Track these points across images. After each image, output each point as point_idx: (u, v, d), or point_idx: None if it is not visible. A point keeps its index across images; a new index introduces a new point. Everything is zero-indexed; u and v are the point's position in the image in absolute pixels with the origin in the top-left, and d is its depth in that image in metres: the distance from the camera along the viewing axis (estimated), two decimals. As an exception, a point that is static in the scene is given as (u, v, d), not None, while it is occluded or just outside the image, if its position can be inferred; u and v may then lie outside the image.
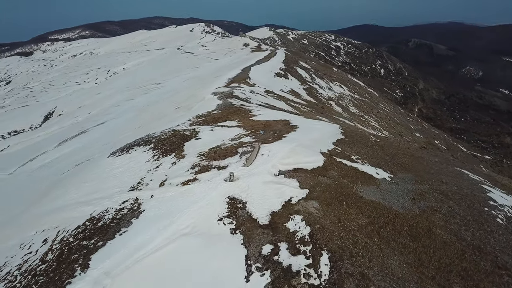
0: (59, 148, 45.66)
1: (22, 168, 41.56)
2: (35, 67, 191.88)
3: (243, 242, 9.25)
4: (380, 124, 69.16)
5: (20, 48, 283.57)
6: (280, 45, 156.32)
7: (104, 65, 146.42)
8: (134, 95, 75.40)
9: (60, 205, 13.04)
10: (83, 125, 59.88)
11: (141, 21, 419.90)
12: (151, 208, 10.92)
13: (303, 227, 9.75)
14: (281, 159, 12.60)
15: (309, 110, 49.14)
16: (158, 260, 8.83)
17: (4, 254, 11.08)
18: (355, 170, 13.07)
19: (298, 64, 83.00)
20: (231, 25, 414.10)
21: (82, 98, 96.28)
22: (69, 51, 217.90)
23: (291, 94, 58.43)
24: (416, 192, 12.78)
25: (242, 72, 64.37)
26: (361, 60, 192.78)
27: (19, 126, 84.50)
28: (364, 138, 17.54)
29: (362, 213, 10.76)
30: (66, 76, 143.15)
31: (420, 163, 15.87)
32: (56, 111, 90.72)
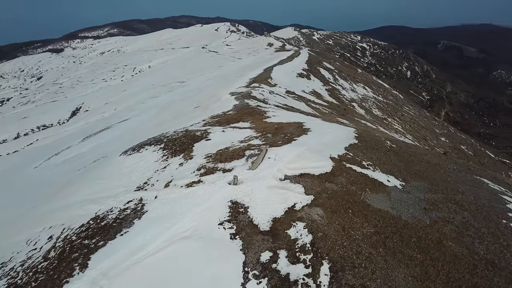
0: (83, 143, 46.54)
1: (47, 162, 42.59)
2: (65, 63, 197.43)
3: (242, 248, 9.09)
4: (404, 128, 67.76)
5: (52, 45, 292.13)
6: (304, 45, 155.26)
7: (130, 62, 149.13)
8: (159, 93, 76.31)
9: (69, 202, 13.22)
10: (108, 121, 61.00)
11: (168, 20, 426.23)
12: (154, 209, 10.90)
13: (304, 235, 9.50)
14: (287, 163, 12.36)
15: (329, 111, 48.54)
16: (156, 262, 8.77)
17: (11, 249, 11.29)
18: (365, 176, 12.69)
19: (321, 65, 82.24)
20: (256, 24, 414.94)
21: (108, 94, 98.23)
22: (98, 49, 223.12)
23: (312, 95, 57.90)
24: (428, 201, 12.32)
25: (264, 72, 64.26)
26: (387, 62, 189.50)
27: (47, 120, 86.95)
28: (378, 143, 17.08)
29: (368, 222, 10.42)
30: (94, 73, 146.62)
31: (436, 171, 15.31)
32: (83, 107, 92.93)
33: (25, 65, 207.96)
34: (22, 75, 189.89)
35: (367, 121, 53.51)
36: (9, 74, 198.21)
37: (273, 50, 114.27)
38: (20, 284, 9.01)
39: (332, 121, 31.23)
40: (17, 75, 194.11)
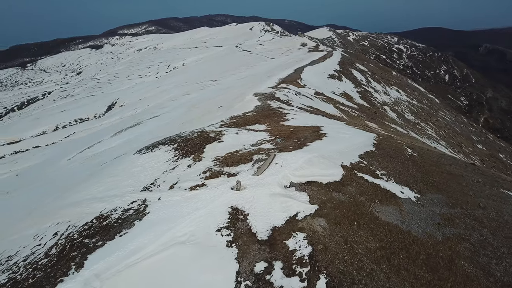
0: (113, 138, 47.65)
1: (80, 155, 43.91)
2: (103, 59, 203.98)
3: (237, 256, 8.85)
4: (437, 133, 65.49)
5: (92, 41, 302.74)
6: (339, 46, 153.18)
7: (165, 60, 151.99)
8: (191, 90, 77.22)
9: (79, 199, 13.42)
10: (140, 117, 62.25)
11: (204, 18, 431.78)
12: (156, 211, 10.84)
13: (304, 246, 9.15)
14: (294, 170, 12.00)
15: (358, 114, 47.51)
16: (149, 267, 8.68)
17: (19, 243, 11.57)
18: (377, 187, 12.15)
19: (354, 66, 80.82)
20: (291, 24, 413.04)
21: (143, 91, 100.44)
22: (135, 46, 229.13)
23: (342, 96, 56.91)
24: (443, 216, 11.64)
25: (294, 72, 63.79)
26: (424, 65, 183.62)
27: (84, 114, 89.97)
28: (397, 151, 16.38)
29: (373, 236, 9.93)
30: (130, 69, 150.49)
31: (457, 183, 14.51)
32: (118, 102, 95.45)
33: (67, 60, 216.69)
34: (64, 70, 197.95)
35: (397, 126, 52.00)
36: (52, 68, 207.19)
37: (306, 50, 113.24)
38: (19, 280, 9.16)
39: (358, 125, 30.43)
40: (59, 69, 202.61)
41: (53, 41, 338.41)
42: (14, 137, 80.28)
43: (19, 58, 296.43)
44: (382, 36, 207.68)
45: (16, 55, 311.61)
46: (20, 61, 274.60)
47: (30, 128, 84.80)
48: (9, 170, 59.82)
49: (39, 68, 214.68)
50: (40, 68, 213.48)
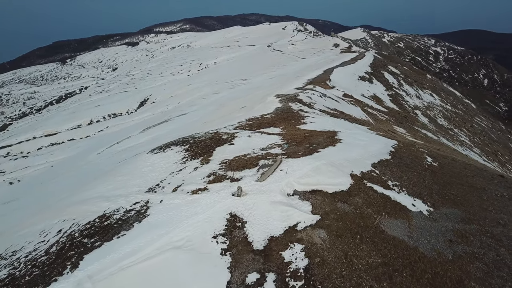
0: (141, 134, 48.60)
1: (109, 149, 45.09)
2: (138, 56, 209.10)
3: (229, 265, 8.64)
4: (471, 140, 62.95)
5: (129, 38, 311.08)
6: (372, 48, 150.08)
7: (197, 58, 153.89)
8: (221, 89, 77.78)
9: (88, 196, 13.62)
10: (170, 114, 63.18)
11: (238, 17, 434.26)
12: (156, 214, 10.80)
13: (300, 259, 8.82)
14: (299, 177, 11.64)
15: (387, 118, 46.32)
16: (143, 271, 8.61)
17: (26, 238, 11.84)
18: (386, 198, 11.61)
19: (386, 69, 78.96)
20: (325, 24, 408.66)
21: (174, 88, 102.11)
22: (169, 43, 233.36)
23: (372, 99, 55.73)
24: (457, 232, 10.97)
25: (323, 73, 63.05)
26: (462, 68, 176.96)
27: (118, 109, 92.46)
28: (415, 160, 15.67)
29: (376, 251, 9.46)
30: (163, 67, 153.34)
31: (478, 197, 13.71)
32: (151, 99, 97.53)
33: (104, 57, 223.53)
34: (100, 66, 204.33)
35: (428, 131, 50.30)
36: (89, 64, 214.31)
37: (338, 51, 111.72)
38: (17, 276, 9.33)
39: (382, 130, 29.52)
40: (96, 65, 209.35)
41: (92, 38, 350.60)
42: (51, 130, 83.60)
43: (60, 53, 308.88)
44: (418, 38, 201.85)
45: (57, 51, 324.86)
46: (61, 56, 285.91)
47: (66, 122, 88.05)
48: (45, 161, 62.41)
49: (78, 63, 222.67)
50: (78, 64, 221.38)
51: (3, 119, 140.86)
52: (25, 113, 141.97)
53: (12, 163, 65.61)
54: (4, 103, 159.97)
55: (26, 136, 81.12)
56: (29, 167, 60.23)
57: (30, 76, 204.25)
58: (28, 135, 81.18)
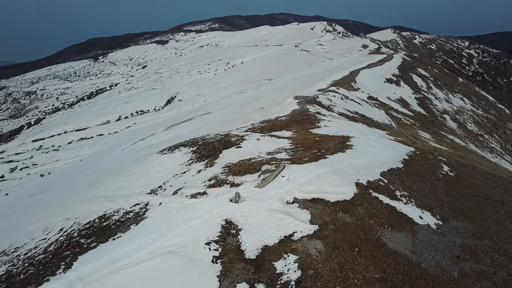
0: (165, 132, 49.16)
1: (133, 146, 45.84)
2: (167, 54, 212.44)
3: (219, 274, 8.46)
4: (503, 147, 60.50)
5: (159, 36, 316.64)
6: (402, 49, 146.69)
7: (225, 57, 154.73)
8: (246, 89, 77.87)
9: (95, 195, 13.76)
10: (196, 112, 63.73)
11: (267, 17, 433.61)
12: (153, 217, 10.75)
13: (292, 270, 8.54)
14: (301, 184, 11.31)
15: (411, 123, 45.16)
16: (132, 275, 8.56)
17: (31, 234, 12.06)
18: (391, 210, 11.13)
19: (415, 71, 77.05)
20: (355, 25, 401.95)
21: (201, 86, 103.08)
22: (198, 42, 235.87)
23: (398, 103, 54.48)
24: (466, 248, 10.39)
25: (349, 74, 62.18)
26: (497, 72, 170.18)
27: (145, 106, 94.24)
28: (429, 169, 15.02)
29: (375, 265, 9.06)
30: (191, 65, 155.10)
31: (494, 210, 13.00)
32: (178, 97, 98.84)
33: (134, 54, 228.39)
34: (131, 63, 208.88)
35: (456, 137, 48.67)
36: (120, 61, 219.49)
37: (366, 52, 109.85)
38: (14, 274, 9.48)
39: (402, 135, 28.68)
40: (126, 62, 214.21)
41: (124, 36, 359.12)
42: (82, 125, 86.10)
43: (93, 50, 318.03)
44: (451, 40, 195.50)
45: (91, 48, 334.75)
46: (93, 53, 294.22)
47: (96, 117, 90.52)
48: (75, 155, 64.28)
49: (109, 60, 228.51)
50: (110, 61, 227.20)
51: (37, 113, 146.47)
52: (58, 108, 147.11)
53: (44, 156, 68.08)
54: (39, 98, 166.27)
55: (58, 130, 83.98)
56: (60, 160, 62.24)
57: (64, 72, 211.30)
58: (59, 129, 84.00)
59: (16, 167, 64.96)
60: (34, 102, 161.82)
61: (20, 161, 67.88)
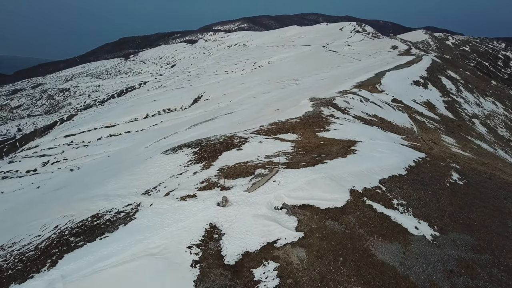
0: (188, 131, 49.67)
1: (155, 144, 46.61)
2: (196, 54, 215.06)
3: (196, 279, 8.40)
4: (536, 154, 57.59)
5: (189, 36, 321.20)
6: (433, 50, 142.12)
7: (252, 57, 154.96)
8: (272, 89, 77.76)
9: (96, 193, 14.02)
10: (220, 112, 64.20)
11: (296, 17, 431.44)
12: (142, 218, 10.81)
13: (271, 278, 8.38)
14: (291, 190, 11.07)
15: (436, 127, 43.76)
16: (112, 276, 8.62)
17: (30, 230, 12.40)
18: (385, 219, 10.73)
19: (444, 73, 74.66)
20: (386, 25, 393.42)
21: (227, 86, 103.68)
22: (226, 42, 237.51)
23: (424, 105, 52.95)
24: (461, 262, 9.90)
25: (375, 76, 60.98)
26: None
27: (172, 105, 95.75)
28: (435, 178, 14.43)
29: (358, 276, 8.76)
30: (218, 65, 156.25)
31: (501, 223, 12.39)
32: (204, 96, 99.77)
33: (164, 53, 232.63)
34: (160, 62, 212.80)
35: (484, 142, 46.77)
36: (150, 60, 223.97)
37: (395, 53, 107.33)
38: (3, 269, 9.75)
39: (422, 140, 27.76)
40: (156, 61, 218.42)
41: (155, 35, 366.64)
42: (111, 122, 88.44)
43: (125, 49, 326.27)
44: (486, 41, 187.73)
45: (123, 46, 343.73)
46: (125, 52, 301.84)
47: (125, 114, 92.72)
48: (103, 151, 66.09)
49: (140, 59, 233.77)
50: (140, 60, 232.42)
51: (70, 109, 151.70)
52: (89, 104, 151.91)
53: (74, 151, 70.45)
54: (72, 95, 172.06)
55: (88, 126, 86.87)
56: (89, 155, 64.19)
57: (96, 70, 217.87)
58: (90, 126, 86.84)
59: (48, 161, 67.53)
60: (67, 99, 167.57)
61: (52, 155, 70.52)
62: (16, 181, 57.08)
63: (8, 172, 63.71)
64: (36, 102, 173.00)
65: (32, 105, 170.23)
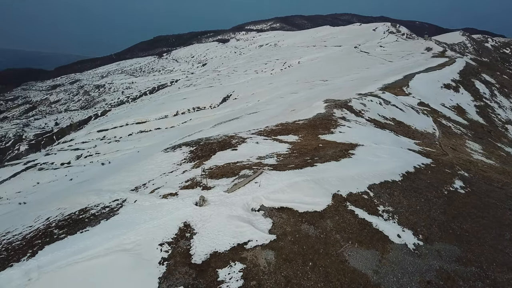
0: (211, 129, 50.26)
1: (180, 141, 47.40)
2: (227, 53, 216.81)
3: (161, 276, 8.53)
4: None
5: (221, 35, 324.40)
6: (470, 53, 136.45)
7: (282, 57, 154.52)
8: (300, 89, 77.42)
9: (91, 188, 14.47)
10: (246, 111, 64.60)
11: (329, 17, 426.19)
12: (125, 213, 11.04)
13: (235, 280, 8.39)
14: (271, 192, 11.00)
15: (462, 132, 42.21)
16: (86, 269, 8.86)
17: (25, 221, 12.94)
18: (366, 225, 10.48)
19: (478, 77, 71.85)
20: (423, 26, 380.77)
21: (256, 86, 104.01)
22: (257, 41, 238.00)
23: (453, 110, 51.22)
24: (443, 273, 9.57)
25: (403, 78, 59.58)
26: None
27: (202, 103, 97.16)
28: (433, 185, 13.95)
29: (326, 282, 8.62)
30: (248, 64, 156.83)
31: (497, 234, 11.93)
32: (233, 95, 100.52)
33: (196, 52, 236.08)
34: (192, 61, 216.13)
35: (514, 149, 44.59)
36: (182, 58, 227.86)
37: (429, 55, 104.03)
38: (-11, 256, 10.23)
39: (439, 146, 26.78)
40: (188, 60, 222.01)
41: (189, 34, 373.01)
42: (142, 118, 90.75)
43: (159, 47, 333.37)
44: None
45: (157, 45, 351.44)
46: (159, 50, 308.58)
47: (155, 111, 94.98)
48: (133, 146, 67.97)
49: (172, 57, 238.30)
50: (173, 58, 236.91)
51: (104, 105, 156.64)
52: (123, 101, 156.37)
53: (106, 146, 72.92)
54: (106, 91, 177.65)
55: (121, 122, 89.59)
56: (119, 150, 66.19)
57: (131, 67, 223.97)
58: (122, 122, 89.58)
59: (81, 155, 70.22)
60: (102, 95, 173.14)
61: (85, 149, 73.31)
62: (51, 172, 59.74)
63: (44, 164, 66.66)
64: (73, 98, 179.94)
65: (69, 100, 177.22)
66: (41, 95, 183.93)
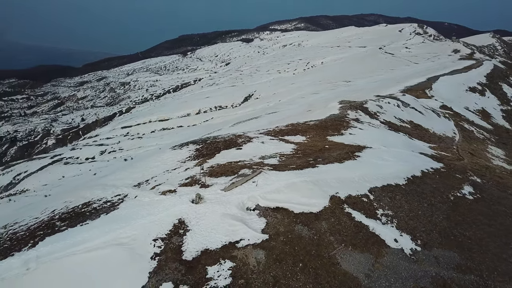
0: (231, 128, 50.56)
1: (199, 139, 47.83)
2: (250, 53, 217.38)
3: (151, 271, 8.68)
4: None
5: (245, 35, 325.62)
6: (500, 55, 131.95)
7: (305, 57, 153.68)
8: (322, 90, 76.96)
9: (98, 183, 14.82)
10: (266, 110, 64.72)
11: (355, 17, 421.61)
12: (124, 208, 11.27)
13: (223, 277, 8.46)
14: (268, 192, 11.00)
15: (485, 137, 40.99)
16: (80, 262, 9.08)
17: (32, 212, 13.38)
18: (362, 228, 10.37)
19: (506, 80, 69.72)
20: (451, 27, 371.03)
21: (278, 85, 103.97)
22: (281, 41, 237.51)
23: (477, 114, 49.86)
24: (439, 281, 9.38)
25: (426, 81, 58.43)
26: None
27: (224, 102, 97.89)
28: (438, 190, 13.63)
29: (315, 283, 8.59)
30: (271, 64, 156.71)
31: (503, 243, 11.53)
32: (255, 95, 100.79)
33: (220, 51, 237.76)
34: (215, 60, 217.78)
35: (537, 156, 42.96)
36: (206, 57, 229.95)
37: (457, 57, 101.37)
38: (-6, 245, 10.65)
39: (457, 150, 26.09)
40: (211, 59, 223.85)
41: (213, 33, 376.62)
42: (165, 116, 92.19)
43: (184, 46, 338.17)
44: None
45: (181, 44, 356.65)
46: (183, 49, 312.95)
47: (178, 109, 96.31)
48: (156, 143, 69.25)
49: (196, 56, 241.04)
50: (197, 57, 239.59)
51: (128, 102, 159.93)
52: (147, 98, 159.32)
53: (129, 142, 74.48)
54: (131, 88, 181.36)
55: (144, 119, 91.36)
56: (142, 147, 67.49)
57: (156, 66, 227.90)
58: (145, 119, 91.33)
59: (106, 150, 72.02)
60: (127, 92, 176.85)
61: (110, 145, 75.19)
62: (76, 167, 61.52)
63: (69, 158, 68.73)
64: (99, 94, 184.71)
65: (96, 97, 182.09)
66: (69, 91, 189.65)
